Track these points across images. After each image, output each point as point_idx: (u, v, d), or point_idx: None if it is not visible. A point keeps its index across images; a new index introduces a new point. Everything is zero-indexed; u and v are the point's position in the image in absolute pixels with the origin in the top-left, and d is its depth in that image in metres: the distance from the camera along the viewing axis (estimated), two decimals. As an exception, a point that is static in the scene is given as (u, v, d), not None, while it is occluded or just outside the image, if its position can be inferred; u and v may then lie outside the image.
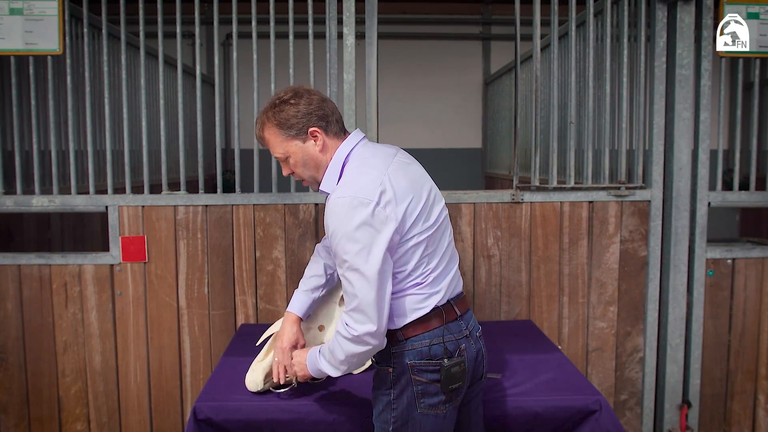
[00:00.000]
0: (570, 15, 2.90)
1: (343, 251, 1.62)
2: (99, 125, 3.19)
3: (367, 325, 1.63)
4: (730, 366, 2.95)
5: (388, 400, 1.74)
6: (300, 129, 1.74)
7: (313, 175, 1.80)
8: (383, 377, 1.76)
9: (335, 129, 1.79)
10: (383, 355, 1.76)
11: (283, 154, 1.78)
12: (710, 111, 2.88)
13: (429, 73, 6.16)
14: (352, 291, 1.63)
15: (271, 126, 1.76)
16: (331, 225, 1.64)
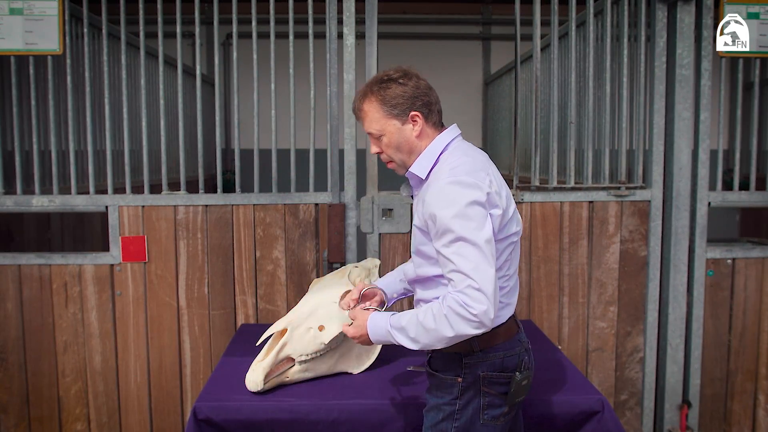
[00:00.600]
0: (570, 15, 2.90)
1: (457, 228, 1.55)
2: (99, 125, 3.19)
3: (487, 306, 1.53)
4: (730, 366, 2.95)
5: (452, 410, 1.70)
6: (402, 110, 1.71)
7: (403, 159, 1.76)
8: (448, 386, 1.71)
9: (435, 119, 1.76)
10: (450, 363, 1.71)
11: (378, 131, 1.74)
12: (710, 111, 2.88)
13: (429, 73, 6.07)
14: (468, 266, 1.54)
15: (373, 100, 1.72)
16: (439, 206, 1.58)
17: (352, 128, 2.82)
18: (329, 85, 2.83)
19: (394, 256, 2.85)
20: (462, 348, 1.68)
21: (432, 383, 1.78)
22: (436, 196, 1.61)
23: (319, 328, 2.08)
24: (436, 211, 1.59)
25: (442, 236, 1.59)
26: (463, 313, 1.54)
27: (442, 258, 1.60)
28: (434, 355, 1.77)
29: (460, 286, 1.55)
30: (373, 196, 2.82)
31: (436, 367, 1.76)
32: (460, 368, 1.70)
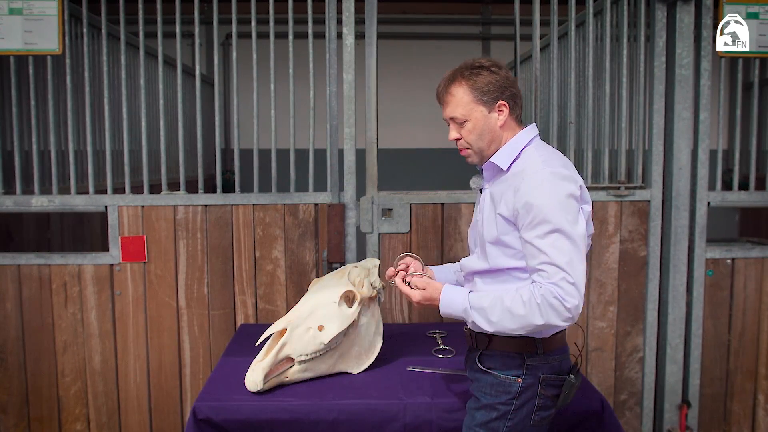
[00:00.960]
0: (569, 15, 2.90)
1: (555, 219, 1.56)
2: (98, 125, 3.19)
3: (578, 301, 1.54)
4: (730, 366, 2.95)
5: (507, 410, 1.69)
6: (492, 98, 1.70)
7: (482, 147, 1.74)
8: (506, 386, 1.71)
9: (517, 113, 1.76)
10: (511, 363, 1.71)
11: (463, 116, 1.72)
12: (710, 111, 2.88)
13: (428, 73, 6.13)
14: (563, 260, 1.55)
15: (463, 85, 1.71)
16: (537, 196, 1.58)
17: (352, 128, 2.82)
18: (329, 85, 2.83)
19: (394, 256, 2.84)
20: (526, 348, 1.69)
21: (485, 381, 1.75)
22: (533, 186, 1.60)
23: (318, 328, 2.08)
24: (534, 200, 1.58)
25: (536, 227, 1.58)
26: (557, 305, 1.54)
27: (532, 248, 1.59)
28: (489, 353, 1.75)
29: (554, 278, 1.55)
30: (373, 196, 2.82)
31: (493, 366, 1.74)
32: (521, 369, 1.70)
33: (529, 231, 1.60)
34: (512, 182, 1.67)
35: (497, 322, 1.62)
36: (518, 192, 1.62)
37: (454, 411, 1.94)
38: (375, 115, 2.82)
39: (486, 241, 1.73)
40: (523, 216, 1.61)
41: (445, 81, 1.75)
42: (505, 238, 1.68)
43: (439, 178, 5.95)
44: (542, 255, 1.57)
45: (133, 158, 3.26)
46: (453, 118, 1.75)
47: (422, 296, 1.75)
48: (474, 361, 1.80)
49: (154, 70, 3.68)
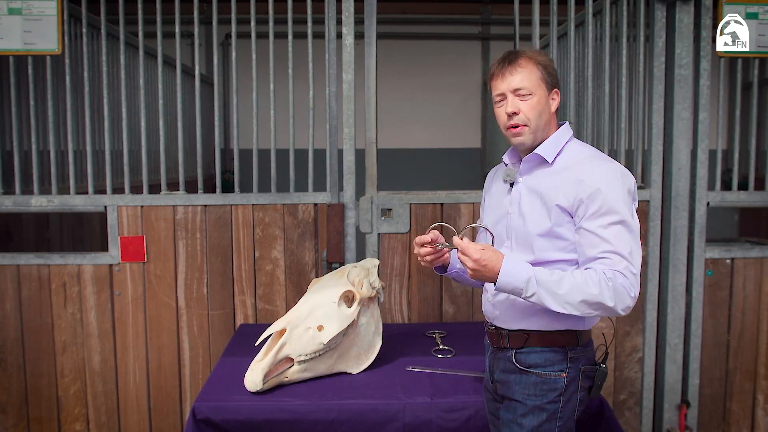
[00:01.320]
0: (569, 15, 2.90)
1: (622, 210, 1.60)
2: (98, 125, 3.19)
3: (637, 293, 1.59)
4: (729, 366, 2.95)
5: (555, 409, 1.65)
6: (552, 83, 1.72)
7: (540, 126, 1.71)
8: (551, 384, 1.67)
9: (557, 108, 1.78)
10: (553, 359, 1.67)
11: (529, 90, 1.69)
12: (709, 111, 2.88)
13: (428, 73, 6.16)
14: (627, 250, 1.58)
15: (535, 62, 1.70)
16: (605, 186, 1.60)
17: (351, 128, 2.82)
18: (328, 85, 2.83)
19: (393, 256, 2.85)
20: (568, 341, 1.68)
21: (526, 382, 1.69)
22: (599, 177, 1.62)
23: (318, 328, 2.08)
24: (601, 191, 1.60)
25: (601, 216, 1.59)
26: (622, 293, 1.56)
27: (595, 238, 1.60)
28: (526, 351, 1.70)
29: (619, 266, 1.57)
30: (372, 196, 2.82)
31: (534, 363, 1.69)
32: (564, 362, 1.68)
33: (593, 221, 1.60)
34: (568, 174, 1.66)
35: (564, 299, 1.57)
36: (582, 183, 1.62)
37: (454, 411, 1.94)
38: (374, 115, 2.82)
39: (534, 234, 1.69)
40: (586, 206, 1.61)
41: (512, 55, 1.72)
42: (559, 229, 1.66)
43: (439, 178, 5.95)
44: (606, 244, 1.58)
45: (132, 158, 3.26)
46: (518, 90, 1.69)
47: (481, 256, 1.59)
48: (509, 361, 1.73)
49: (153, 70, 3.67)
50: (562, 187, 1.66)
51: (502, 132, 1.77)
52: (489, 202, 1.92)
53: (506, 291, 1.61)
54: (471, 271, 1.60)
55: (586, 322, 1.70)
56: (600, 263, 1.59)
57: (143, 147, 2.88)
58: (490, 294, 1.78)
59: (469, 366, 2.23)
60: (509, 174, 1.80)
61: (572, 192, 1.64)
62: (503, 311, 1.75)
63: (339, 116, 2.85)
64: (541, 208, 1.69)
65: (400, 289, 2.87)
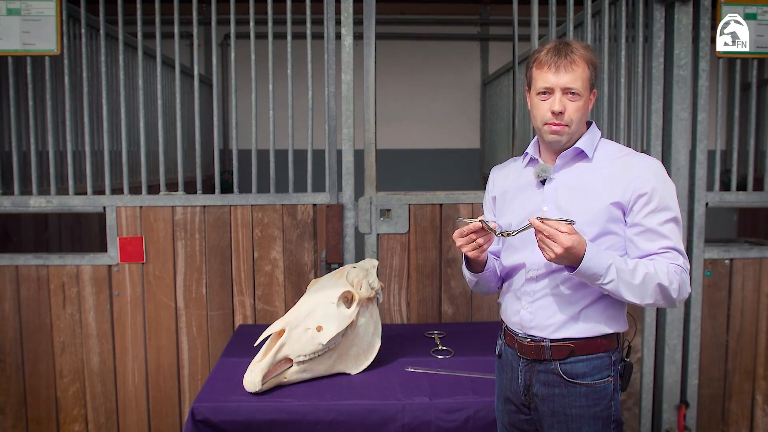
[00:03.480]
0: (568, 15, 2.90)
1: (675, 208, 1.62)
2: (97, 126, 3.19)
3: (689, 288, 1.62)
4: (728, 366, 2.95)
5: (608, 415, 1.61)
6: (593, 84, 1.67)
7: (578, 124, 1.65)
8: (602, 391, 1.61)
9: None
10: (600, 366, 1.62)
11: (579, 91, 1.62)
12: (708, 111, 2.88)
13: (427, 74, 6.16)
14: (682, 248, 1.61)
15: (587, 61, 1.64)
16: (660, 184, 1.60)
17: (350, 129, 2.82)
18: (327, 85, 2.83)
19: (392, 257, 2.85)
20: (611, 345, 1.65)
21: (574, 394, 1.62)
22: (653, 173, 1.61)
23: (317, 329, 2.08)
24: (658, 187, 1.60)
25: (659, 212, 1.59)
26: (684, 287, 1.59)
27: (653, 233, 1.59)
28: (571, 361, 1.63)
29: (679, 261, 1.60)
30: (371, 196, 2.82)
31: (581, 373, 1.62)
32: (610, 368, 1.63)
33: (651, 216, 1.59)
34: (616, 171, 1.63)
35: (639, 285, 1.54)
36: (639, 179, 1.59)
37: (453, 411, 1.94)
38: (373, 115, 2.82)
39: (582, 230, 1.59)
40: (645, 202, 1.59)
41: (567, 48, 1.63)
42: (612, 226, 1.62)
43: (437, 179, 5.96)
44: (665, 240, 1.59)
45: (131, 159, 3.26)
46: (569, 89, 1.61)
47: (572, 243, 1.49)
48: (552, 373, 1.64)
49: (152, 70, 3.67)
50: (615, 182, 1.61)
51: (535, 124, 1.70)
52: (511, 202, 1.78)
53: (584, 277, 1.55)
54: (554, 255, 1.50)
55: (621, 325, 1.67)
56: (661, 257, 1.59)
57: (142, 147, 2.88)
58: (525, 301, 1.69)
59: (468, 366, 2.23)
60: (544, 170, 1.71)
61: (629, 188, 1.60)
62: (544, 318, 1.65)
63: (338, 117, 2.85)
64: (586, 203, 1.63)
65: (399, 289, 2.87)
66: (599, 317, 1.62)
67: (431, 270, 2.86)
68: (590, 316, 1.62)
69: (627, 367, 1.69)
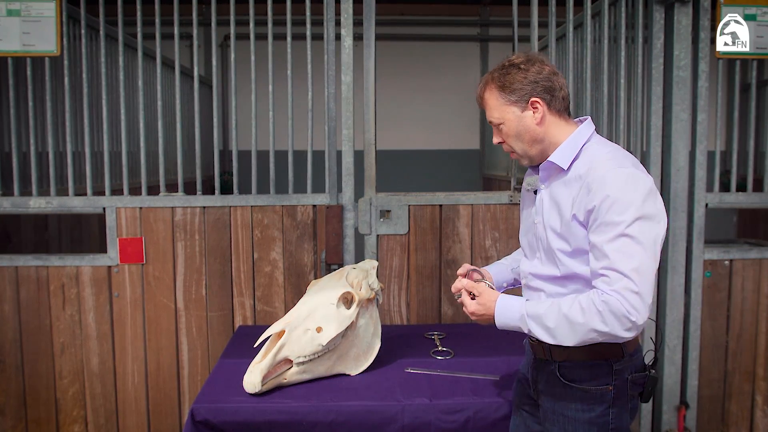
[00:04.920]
0: (567, 17, 2.90)
1: (624, 222, 1.46)
2: (97, 127, 3.19)
3: (642, 313, 1.44)
4: (728, 367, 2.95)
5: (605, 421, 1.60)
6: (521, 96, 1.62)
7: (525, 148, 1.66)
8: (599, 397, 1.61)
9: (559, 106, 1.64)
10: (598, 372, 1.60)
11: (498, 119, 1.66)
12: (708, 112, 2.88)
13: (427, 75, 6.16)
14: (629, 266, 1.45)
15: (493, 87, 1.65)
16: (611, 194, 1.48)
17: (350, 130, 2.82)
18: (327, 86, 2.83)
19: (392, 258, 2.85)
20: (612, 354, 1.59)
21: (571, 395, 1.63)
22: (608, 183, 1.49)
23: (317, 330, 2.08)
24: (608, 199, 1.48)
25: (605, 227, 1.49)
26: (620, 316, 1.45)
27: (598, 251, 1.50)
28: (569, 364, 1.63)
29: (616, 285, 1.45)
30: (371, 197, 2.82)
31: (578, 378, 1.62)
32: (610, 376, 1.60)
33: (597, 233, 1.50)
34: (580, 182, 1.57)
35: (554, 329, 1.52)
36: (590, 193, 1.52)
37: (453, 412, 1.94)
38: (373, 116, 2.82)
39: (555, 248, 1.62)
40: (594, 217, 1.51)
41: (480, 85, 1.70)
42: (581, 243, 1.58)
43: (437, 180, 5.96)
44: (606, 259, 1.47)
45: (131, 159, 3.26)
46: (492, 122, 1.69)
47: (477, 308, 1.64)
48: (553, 374, 1.66)
49: (152, 71, 3.68)
50: (576, 197, 1.57)
51: None
52: (521, 211, 1.83)
53: (510, 329, 1.61)
54: (475, 320, 1.66)
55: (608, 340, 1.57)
56: (600, 281, 1.49)
57: (142, 148, 2.88)
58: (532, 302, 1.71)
59: (468, 367, 2.23)
60: (530, 183, 1.75)
61: (584, 202, 1.54)
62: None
63: (338, 118, 2.85)
64: (559, 220, 1.61)
65: (398, 290, 2.87)
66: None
67: (431, 271, 2.86)
68: None
69: (650, 379, 1.64)
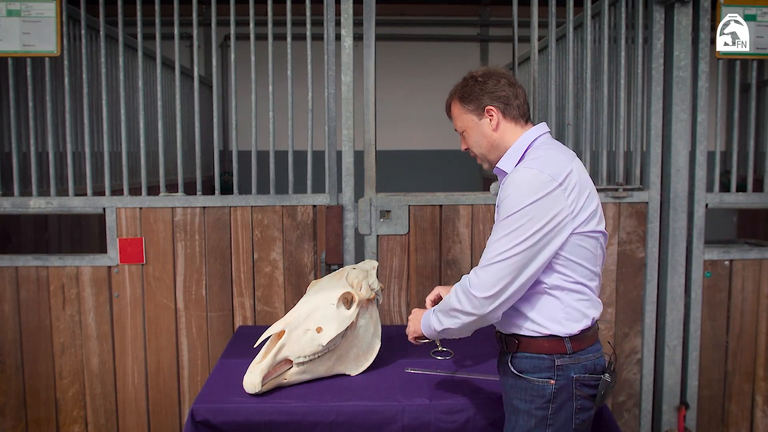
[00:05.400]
0: (567, 17, 2.90)
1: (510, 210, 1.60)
2: (97, 127, 3.19)
3: (482, 291, 1.61)
4: (728, 367, 2.95)
5: (544, 415, 1.67)
6: (478, 105, 1.79)
7: (484, 153, 1.83)
8: (539, 390, 1.68)
9: (514, 113, 1.79)
10: (540, 366, 1.68)
11: (461, 127, 1.85)
12: (708, 113, 2.89)
13: (427, 75, 6.16)
14: (488, 255, 1.62)
15: (455, 99, 1.85)
16: (510, 193, 1.62)
17: (350, 130, 2.82)
18: (327, 86, 2.83)
19: (392, 258, 2.85)
20: (555, 349, 1.68)
21: (519, 386, 1.72)
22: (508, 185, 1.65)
23: (317, 330, 2.08)
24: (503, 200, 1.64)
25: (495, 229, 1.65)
26: (466, 291, 1.64)
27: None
28: (519, 356, 1.72)
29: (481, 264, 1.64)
30: (371, 197, 2.82)
31: (524, 369, 1.71)
32: (552, 371, 1.68)
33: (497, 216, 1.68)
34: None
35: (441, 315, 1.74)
36: (502, 193, 1.67)
37: (453, 412, 1.94)
38: (373, 116, 2.82)
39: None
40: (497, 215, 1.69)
41: (447, 100, 1.89)
42: None
43: (437, 180, 5.96)
44: (492, 236, 1.65)
45: (131, 160, 3.26)
46: (456, 130, 1.88)
47: (409, 326, 1.93)
48: (507, 365, 1.76)
49: (152, 71, 3.68)
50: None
51: None
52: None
53: (435, 337, 1.83)
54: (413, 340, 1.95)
55: (565, 327, 1.67)
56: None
57: (142, 148, 2.88)
58: None
59: (468, 368, 2.23)
60: (494, 188, 1.92)
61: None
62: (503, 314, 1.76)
63: (338, 118, 2.85)
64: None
65: (399, 290, 2.87)
66: (543, 318, 1.68)
67: (431, 271, 2.86)
68: (535, 317, 1.68)
69: (601, 383, 1.70)
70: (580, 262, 1.66)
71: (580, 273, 1.67)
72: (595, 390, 1.70)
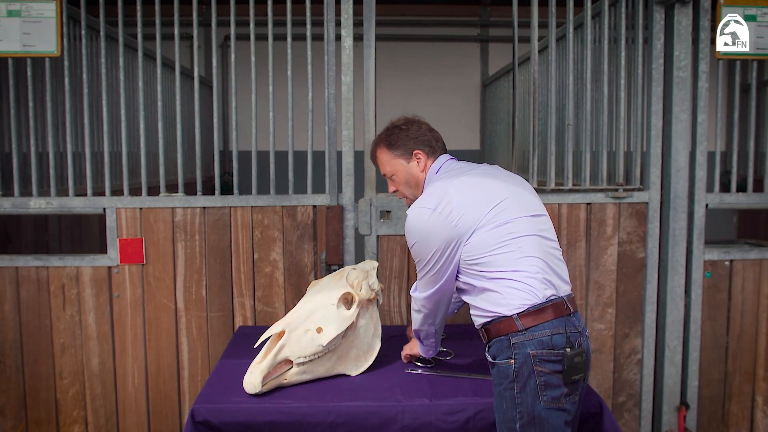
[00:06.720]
0: (567, 17, 2.90)
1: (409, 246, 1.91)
2: (97, 127, 3.19)
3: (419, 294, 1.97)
4: (728, 368, 2.95)
5: (512, 395, 1.75)
6: (406, 150, 2.04)
7: (414, 192, 2.07)
8: (504, 371, 1.77)
9: (438, 154, 2.06)
10: (501, 347, 1.78)
11: (390, 171, 2.08)
12: (708, 113, 2.89)
13: (427, 75, 6.16)
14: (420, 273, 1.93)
15: (382, 146, 2.08)
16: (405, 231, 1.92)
17: (350, 130, 2.82)
18: (327, 87, 2.83)
19: (392, 258, 2.85)
20: (508, 328, 1.77)
21: (493, 373, 1.83)
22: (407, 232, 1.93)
23: (317, 330, 2.08)
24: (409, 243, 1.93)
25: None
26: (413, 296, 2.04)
27: None
28: (491, 344, 1.83)
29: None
30: (371, 198, 2.82)
31: (494, 355, 1.81)
32: (510, 350, 1.76)
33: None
34: None
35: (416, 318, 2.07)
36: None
37: (453, 413, 1.94)
38: (373, 116, 2.82)
39: None
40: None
41: (371, 147, 2.15)
42: None
43: (438, 180, 5.94)
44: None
45: (131, 160, 3.26)
46: (385, 175, 2.11)
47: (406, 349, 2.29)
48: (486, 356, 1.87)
49: (152, 72, 3.68)
50: None
51: None
52: None
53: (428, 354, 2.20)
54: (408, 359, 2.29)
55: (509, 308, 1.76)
56: None
57: (142, 149, 2.88)
58: None
59: (468, 368, 2.23)
60: None
61: None
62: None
63: (338, 118, 2.85)
64: None
65: (399, 291, 2.87)
66: (489, 305, 1.81)
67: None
68: (484, 305, 1.83)
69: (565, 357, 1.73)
70: (493, 253, 1.78)
71: (499, 263, 1.78)
72: (561, 365, 1.73)
